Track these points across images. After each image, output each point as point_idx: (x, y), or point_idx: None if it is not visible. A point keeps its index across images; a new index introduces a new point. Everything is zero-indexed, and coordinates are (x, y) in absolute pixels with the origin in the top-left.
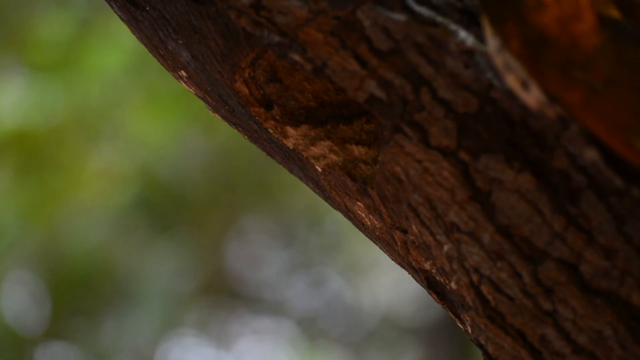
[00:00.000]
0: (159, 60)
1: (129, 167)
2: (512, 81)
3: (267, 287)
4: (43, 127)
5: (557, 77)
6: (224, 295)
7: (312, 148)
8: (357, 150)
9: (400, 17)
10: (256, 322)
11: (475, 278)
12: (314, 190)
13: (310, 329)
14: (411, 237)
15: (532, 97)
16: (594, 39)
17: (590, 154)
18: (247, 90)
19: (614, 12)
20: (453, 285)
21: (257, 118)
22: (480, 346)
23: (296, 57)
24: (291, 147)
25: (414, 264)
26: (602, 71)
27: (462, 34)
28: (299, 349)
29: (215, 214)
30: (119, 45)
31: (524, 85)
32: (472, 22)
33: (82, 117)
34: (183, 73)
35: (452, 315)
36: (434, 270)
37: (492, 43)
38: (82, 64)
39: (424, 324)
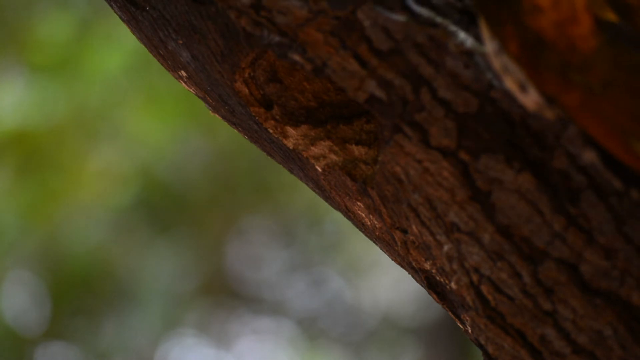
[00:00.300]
0: (159, 60)
1: (129, 167)
2: (510, 83)
3: (267, 287)
4: (43, 127)
5: (555, 79)
6: (224, 295)
7: (312, 148)
8: (357, 150)
9: (400, 17)
10: (256, 322)
11: (475, 278)
12: (314, 190)
13: (310, 329)
14: (411, 237)
15: (530, 99)
16: (591, 42)
17: (589, 156)
18: (247, 90)
19: (611, 15)
20: (453, 285)
21: (257, 118)
22: (480, 346)
23: (296, 57)
24: (291, 147)
25: (414, 264)
26: (599, 73)
27: (462, 35)
28: (299, 349)
29: (215, 214)
30: (119, 46)
31: (522, 88)
32: (471, 23)
33: (82, 117)
34: (183, 73)
35: (452, 315)
36: (434, 270)
37: (490, 45)
38: (82, 64)
39: (424, 324)
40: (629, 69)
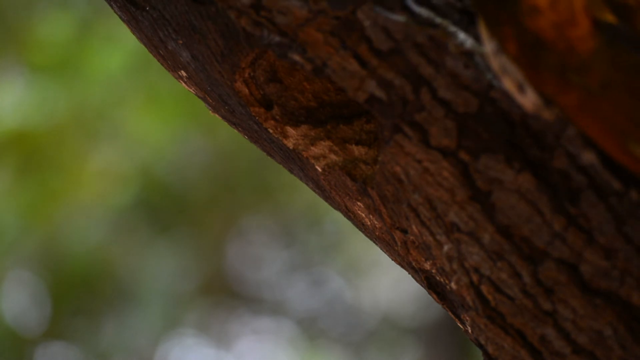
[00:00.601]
0: (159, 60)
1: (129, 167)
2: (508, 84)
3: (267, 287)
4: (43, 127)
5: (554, 80)
6: (224, 295)
7: (312, 148)
8: (357, 150)
9: (399, 18)
10: (256, 322)
11: (475, 278)
12: (314, 190)
13: (310, 329)
14: (411, 237)
15: (528, 99)
16: (590, 43)
17: (588, 157)
18: (247, 90)
19: (609, 17)
20: (453, 285)
21: (257, 118)
22: (480, 346)
23: (296, 57)
24: (291, 147)
25: (414, 264)
26: (598, 74)
27: (461, 35)
28: (299, 349)
29: (215, 214)
30: (119, 46)
31: (520, 88)
32: (471, 23)
33: (82, 117)
34: (183, 73)
35: (452, 315)
36: (434, 270)
37: (489, 46)
38: (82, 64)
39: (424, 324)
40: (628, 69)
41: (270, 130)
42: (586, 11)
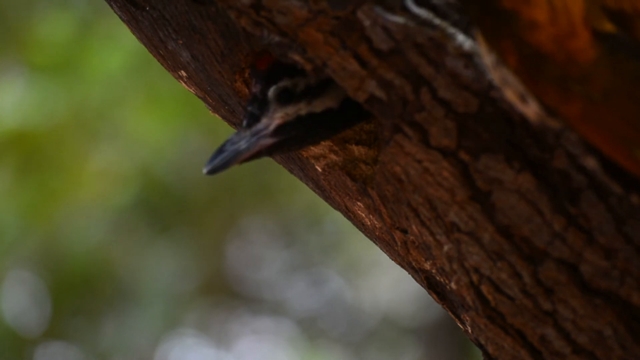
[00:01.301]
0: (159, 60)
1: (129, 167)
2: (510, 95)
3: (267, 287)
4: (43, 127)
5: (555, 90)
6: (224, 295)
7: (312, 148)
8: (357, 150)
9: (398, 19)
10: (256, 322)
11: (475, 278)
12: (314, 190)
13: (310, 329)
14: (411, 237)
15: (531, 109)
16: (590, 53)
17: (590, 163)
18: (247, 90)
19: (608, 26)
20: (453, 285)
21: None
22: (480, 346)
23: (296, 57)
24: None
25: (414, 264)
26: (599, 83)
27: (460, 37)
28: (299, 349)
29: (216, 214)
30: (119, 46)
31: (522, 99)
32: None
33: (82, 117)
34: (183, 73)
35: (452, 315)
36: (434, 270)
37: (488, 58)
38: (82, 64)
39: (424, 324)
40: (629, 76)
41: None
42: (585, 22)
